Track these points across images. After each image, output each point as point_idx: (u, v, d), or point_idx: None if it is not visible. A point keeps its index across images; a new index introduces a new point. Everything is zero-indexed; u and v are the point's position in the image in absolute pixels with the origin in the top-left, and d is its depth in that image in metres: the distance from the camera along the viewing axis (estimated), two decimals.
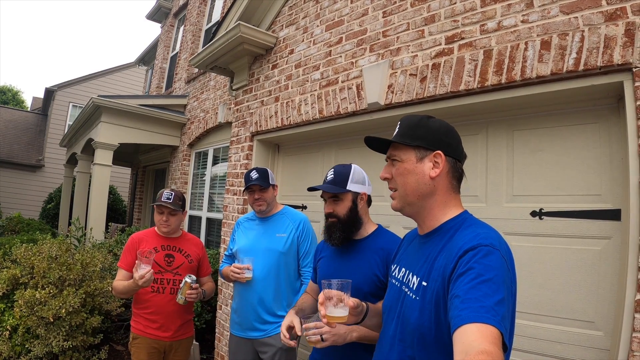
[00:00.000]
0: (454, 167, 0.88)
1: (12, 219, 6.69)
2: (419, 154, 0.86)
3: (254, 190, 1.82)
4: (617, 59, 1.21)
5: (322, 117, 2.17)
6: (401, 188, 0.88)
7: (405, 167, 0.87)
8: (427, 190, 0.86)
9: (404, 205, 0.90)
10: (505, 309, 0.65)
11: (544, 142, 1.50)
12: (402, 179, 0.88)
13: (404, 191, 0.88)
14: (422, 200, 0.87)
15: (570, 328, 1.36)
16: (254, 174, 1.82)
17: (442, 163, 0.85)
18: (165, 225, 1.90)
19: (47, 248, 2.82)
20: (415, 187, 0.86)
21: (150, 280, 1.66)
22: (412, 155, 0.87)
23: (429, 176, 0.85)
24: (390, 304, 0.95)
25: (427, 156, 0.86)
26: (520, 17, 1.43)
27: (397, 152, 0.90)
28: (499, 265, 0.70)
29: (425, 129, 0.88)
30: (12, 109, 12.61)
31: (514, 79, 1.41)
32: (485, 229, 0.80)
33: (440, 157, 0.85)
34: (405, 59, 1.78)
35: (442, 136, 0.88)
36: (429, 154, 0.86)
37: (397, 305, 0.90)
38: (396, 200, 0.91)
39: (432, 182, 0.85)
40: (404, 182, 0.87)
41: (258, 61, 2.80)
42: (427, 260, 0.84)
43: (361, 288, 1.30)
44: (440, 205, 0.87)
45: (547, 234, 1.45)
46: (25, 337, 2.53)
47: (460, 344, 0.61)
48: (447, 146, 0.87)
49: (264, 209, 1.85)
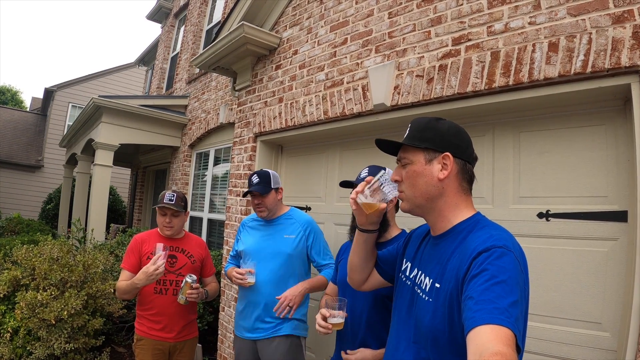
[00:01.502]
0: (464, 168, 0.87)
1: (12, 220, 6.66)
2: (427, 156, 0.86)
3: (255, 196, 1.80)
4: (625, 61, 1.21)
5: (327, 118, 2.17)
6: (410, 190, 0.88)
7: (415, 169, 0.87)
8: (435, 192, 0.86)
9: (412, 207, 0.90)
10: (518, 311, 0.65)
11: (551, 143, 1.51)
12: (411, 181, 0.88)
13: (413, 193, 0.88)
14: (431, 202, 0.87)
15: (577, 329, 1.36)
16: (255, 178, 1.80)
17: (451, 165, 0.85)
18: (168, 227, 1.90)
19: (48, 249, 2.81)
20: (424, 189, 0.86)
21: (160, 274, 1.67)
22: (421, 157, 0.87)
23: (437, 178, 0.85)
24: (401, 303, 0.95)
25: (436, 158, 0.86)
26: (528, 19, 1.43)
27: (407, 154, 0.90)
28: (513, 267, 0.70)
29: (433, 130, 0.88)
30: (11, 109, 12.55)
31: (521, 80, 1.41)
32: (499, 231, 0.80)
33: (448, 159, 0.85)
34: (412, 60, 1.78)
35: (451, 138, 0.87)
36: (438, 155, 0.86)
37: (410, 307, 0.90)
38: (405, 202, 0.91)
39: (441, 183, 0.85)
40: (413, 184, 0.87)
41: (261, 62, 2.80)
42: (439, 261, 0.84)
43: (380, 291, 1.29)
44: (451, 207, 0.87)
45: (553, 235, 1.45)
46: (26, 339, 2.51)
47: (474, 345, 0.61)
48: (456, 148, 0.87)
49: (264, 215, 1.83)
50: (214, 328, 3.15)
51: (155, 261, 1.65)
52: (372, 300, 1.32)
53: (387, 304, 1.30)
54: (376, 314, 1.32)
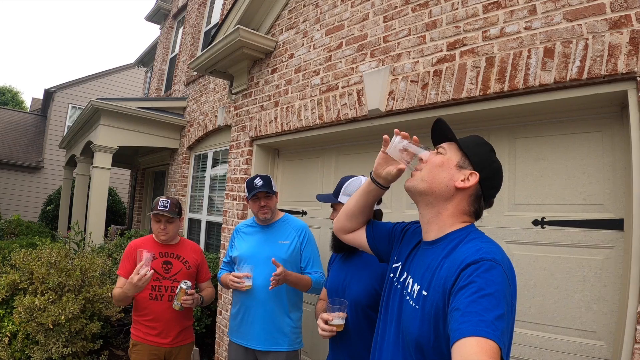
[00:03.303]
0: (477, 196, 0.88)
1: (12, 222, 6.68)
2: (462, 162, 0.87)
3: (260, 198, 1.80)
4: (622, 67, 1.19)
5: (322, 122, 2.16)
6: (426, 173, 0.88)
7: (444, 161, 0.88)
8: (444, 192, 0.86)
9: (416, 188, 0.89)
10: (504, 325, 0.66)
11: (546, 150, 1.49)
12: (432, 168, 0.88)
13: (425, 176, 0.88)
14: (434, 198, 0.87)
15: (572, 337, 1.35)
16: (259, 181, 1.80)
17: (472, 184, 0.85)
18: (163, 233, 1.91)
19: (46, 253, 2.81)
20: (436, 181, 0.87)
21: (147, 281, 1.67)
22: (456, 158, 0.88)
23: (454, 183, 0.86)
24: (389, 304, 0.95)
25: (466, 168, 0.87)
26: (523, 24, 1.42)
27: (448, 147, 0.91)
28: (501, 281, 0.70)
29: (484, 153, 0.89)
30: (11, 110, 12.58)
31: (516, 86, 1.40)
32: (489, 244, 0.80)
33: (474, 177, 0.86)
34: (407, 65, 1.77)
35: (490, 168, 0.88)
36: (469, 169, 0.87)
37: (396, 309, 0.91)
38: (415, 178, 0.90)
39: (455, 191, 0.86)
40: (431, 171, 0.88)
41: (257, 65, 2.79)
42: (428, 268, 0.84)
43: (360, 301, 1.31)
44: (449, 216, 0.87)
45: (548, 243, 1.44)
46: (24, 343, 2.52)
47: (459, 356, 0.62)
48: (486, 177, 0.87)
49: (269, 217, 1.83)
50: (212, 331, 3.16)
51: (137, 271, 1.65)
52: (353, 310, 1.32)
53: (368, 312, 1.30)
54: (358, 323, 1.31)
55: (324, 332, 1.22)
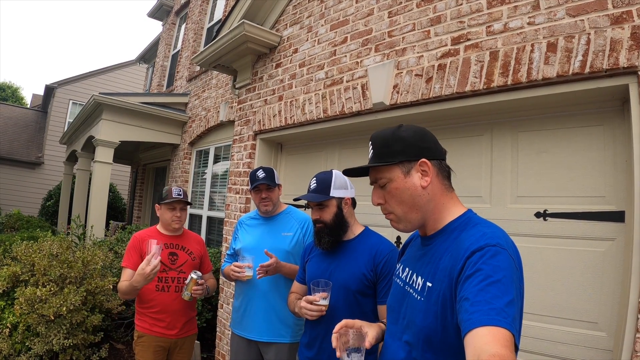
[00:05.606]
0: (440, 167, 0.86)
1: (12, 216, 6.67)
2: (404, 169, 0.85)
3: (261, 190, 1.80)
4: (623, 62, 1.21)
5: (326, 116, 2.17)
6: (398, 208, 0.86)
7: (396, 185, 0.85)
8: (423, 201, 0.85)
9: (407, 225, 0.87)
10: (515, 310, 0.65)
11: (549, 143, 1.51)
12: (396, 198, 0.85)
13: (402, 210, 0.85)
14: (422, 212, 0.86)
15: (574, 329, 1.37)
16: (261, 173, 1.80)
17: (430, 169, 0.84)
18: (178, 221, 1.92)
19: (47, 246, 2.81)
20: (412, 202, 0.84)
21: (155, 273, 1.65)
22: (398, 172, 0.85)
23: (420, 187, 0.84)
24: (393, 304, 0.95)
25: (413, 167, 0.84)
26: (527, 19, 1.43)
27: (381, 173, 0.87)
28: (507, 265, 0.69)
29: (401, 141, 0.86)
30: (11, 106, 12.57)
31: (519, 80, 1.42)
32: (492, 228, 0.80)
33: (426, 165, 0.84)
34: (411, 60, 1.78)
35: (420, 142, 0.85)
36: (414, 164, 0.84)
37: (401, 306, 0.90)
38: (399, 222, 0.87)
39: (426, 191, 0.84)
40: (399, 201, 0.85)
41: (261, 60, 2.80)
42: (431, 260, 0.83)
43: (349, 286, 1.31)
44: (440, 208, 0.86)
45: (551, 235, 1.46)
46: (25, 334, 2.52)
47: (472, 347, 0.61)
48: (428, 151, 0.85)
49: (270, 209, 1.83)
50: (212, 325, 3.16)
51: (149, 261, 1.62)
52: (343, 295, 1.31)
53: (359, 298, 1.31)
54: (346, 309, 1.30)
55: (312, 312, 1.22)
